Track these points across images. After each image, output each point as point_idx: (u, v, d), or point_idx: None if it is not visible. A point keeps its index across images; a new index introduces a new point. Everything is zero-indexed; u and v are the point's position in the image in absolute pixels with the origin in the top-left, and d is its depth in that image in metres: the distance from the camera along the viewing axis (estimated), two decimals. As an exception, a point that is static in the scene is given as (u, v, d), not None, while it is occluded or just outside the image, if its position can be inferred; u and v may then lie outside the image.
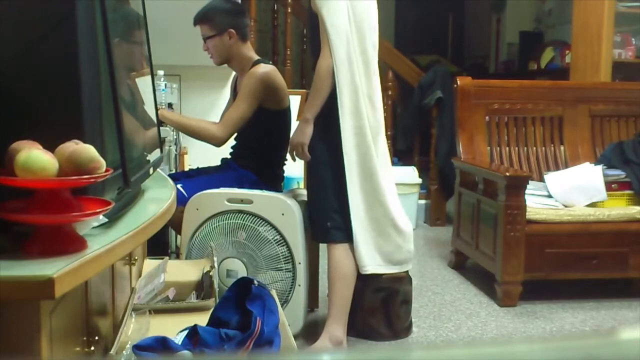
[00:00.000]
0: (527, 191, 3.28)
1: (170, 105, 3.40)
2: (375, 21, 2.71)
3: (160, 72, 3.14)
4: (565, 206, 3.42)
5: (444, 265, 4.02)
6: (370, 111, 2.64)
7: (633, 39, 4.74)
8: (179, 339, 1.49)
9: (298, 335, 2.67)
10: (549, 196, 3.49)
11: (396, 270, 2.76)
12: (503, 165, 3.84)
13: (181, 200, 2.59)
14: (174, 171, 3.31)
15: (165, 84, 3.22)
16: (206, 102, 4.09)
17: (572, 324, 3.08)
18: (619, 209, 3.41)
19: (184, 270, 2.17)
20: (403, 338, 2.84)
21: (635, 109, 3.99)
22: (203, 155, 3.58)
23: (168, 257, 2.20)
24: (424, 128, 5.24)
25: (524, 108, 3.95)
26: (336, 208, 2.64)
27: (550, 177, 3.61)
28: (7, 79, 1.20)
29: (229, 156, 3.06)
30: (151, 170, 1.68)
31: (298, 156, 2.69)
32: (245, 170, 2.93)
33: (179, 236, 2.90)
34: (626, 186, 3.49)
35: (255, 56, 2.96)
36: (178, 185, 2.59)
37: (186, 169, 3.44)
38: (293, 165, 2.95)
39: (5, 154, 1.10)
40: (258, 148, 2.95)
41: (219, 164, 3.10)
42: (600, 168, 3.52)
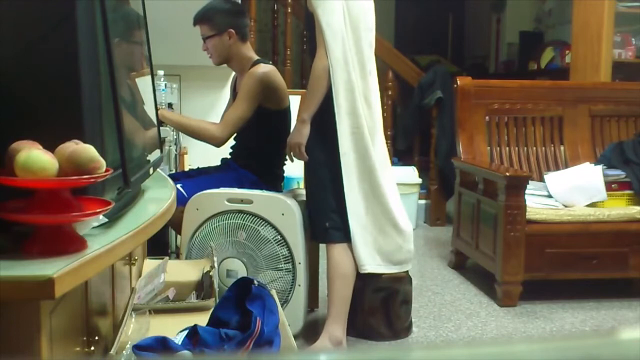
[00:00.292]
0: (527, 191, 3.28)
1: (170, 105, 3.40)
2: (372, 21, 2.70)
3: (160, 72, 3.14)
4: (565, 206, 3.42)
5: (444, 265, 4.02)
6: (366, 111, 2.63)
7: (633, 39, 4.74)
8: (179, 339, 1.49)
9: (298, 335, 2.67)
10: (549, 196, 3.49)
11: (396, 270, 2.76)
12: (503, 165, 3.84)
13: (181, 200, 2.59)
14: (174, 171, 3.31)
15: (165, 84, 3.22)
16: (206, 102, 4.09)
17: (572, 324, 3.08)
18: (619, 209, 3.41)
19: (184, 270, 2.17)
20: (403, 338, 2.84)
21: (635, 109, 3.99)
22: (203, 155, 3.58)
23: (168, 257, 2.20)
24: (424, 128, 5.24)
25: (524, 108, 3.95)
26: (334, 208, 2.64)
27: (550, 177, 3.61)
28: (7, 79, 1.20)
29: (229, 156, 3.06)
30: (151, 170, 1.68)
31: (295, 156, 2.69)
32: (245, 170, 2.93)
33: (179, 236, 2.90)
34: (626, 186, 3.49)
35: (255, 56, 2.96)
36: (178, 185, 2.59)
37: (186, 169, 3.44)
38: (293, 165, 2.95)
39: (5, 154, 1.10)
40: (258, 148, 2.95)
41: (219, 164, 3.10)
42: (600, 168, 3.52)
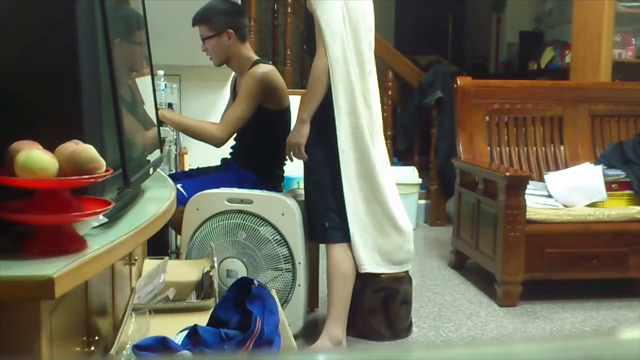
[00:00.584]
0: (527, 191, 3.28)
1: (170, 105, 3.40)
2: (371, 21, 2.70)
3: (160, 72, 3.14)
4: (565, 206, 3.42)
5: (444, 265, 4.02)
6: (365, 111, 2.63)
7: (633, 39, 4.74)
8: (179, 339, 1.49)
9: (298, 335, 2.67)
10: (549, 196, 3.49)
11: (396, 270, 2.76)
12: (503, 165, 3.84)
13: (181, 200, 2.59)
14: (174, 171, 3.31)
15: (165, 84, 3.22)
16: (206, 102, 4.09)
17: (572, 324, 3.08)
18: (619, 209, 3.41)
19: (184, 270, 2.17)
20: (403, 338, 2.84)
21: (635, 109, 3.99)
22: (203, 155, 3.58)
23: (168, 257, 2.20)
24: (424, 128, 5.24)
25: (524, 108, 3.95)
26: (334, 208, 2.64)
27: (550, 177, 3.61)
28: (7, 79, 1.20)
29: (229, 156, 3.06)
30: (151, 170, 1.68)
31: (295, 156, 2.69)
32: (245, 170, 2.93)
33: (179, 236, 2.90)
34: (626, 186, 3.49)
35: (255, 56, 2.95)
36: (178, 185, 2.59)
37: (186, 169, 3.44)
38: (293, 165, 2.95)
39: (5, 154, 1.10)
40: (258, 148, 2.95)
41: (219, 164, 3.10)
42: (600, 168, 3.52)
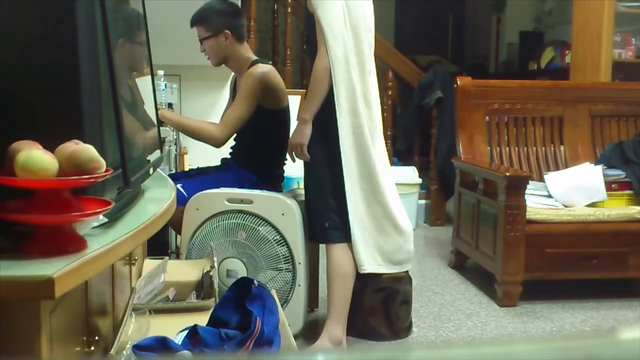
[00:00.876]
0: (527, 191, 3.28)
1: (170, 105, 3.40)
2: (371, 21, 2.70)
3: (160, 72, 3.14)
4: (565, 206, 3.42)
5: (444, 265, 4.02)
6: (365, 111, 2.63)
7: (633, 39, 4.74)
8: (179, 339, 1.49)
9: (298, 335, 2.67)
10: (549, 196, 3.49)
11: (396, 270, 2.76)
12: (503, 165, 3.84)
13: (181, 200, 2.59)
14: (174, 171, 3.31)
15: (165, 84, 3.22)
16: (206, 102, 4.09)
17: (572, 324, 3.08)
18: (619, 209, 3.41)
19: (184, 270, 2.17)
20: (403, 338, 2.84)
21: (635, 109, 3.99)
22: (203, 155, 3.58)
23: (168, 257, 2.20)
24: (424, 128, 5.24)
25: (524, 108, 3.95)
26: (334, 208, 2.64)
27: (550, 177, 3.61)
28: (7, 79, 1.20)
29: (229, 156, 3.06)
30: (151, 170, 1.68)
31: (297, 156, 2.69)
32: (245, 170, 2.93)
33: (179, 236, 2.90)
34: (626, 186, 3.49)
35: (253, 56, 2.95)
36: (178, 185, 2.59)
37: (186, 169, 3.44)
38: (293, 165, 2.95)
39: (5, 154, 1.10)
40: (258, 148, 2.95)
41: (219, 164, 3.10)
42: (600, 168, 3.52)
